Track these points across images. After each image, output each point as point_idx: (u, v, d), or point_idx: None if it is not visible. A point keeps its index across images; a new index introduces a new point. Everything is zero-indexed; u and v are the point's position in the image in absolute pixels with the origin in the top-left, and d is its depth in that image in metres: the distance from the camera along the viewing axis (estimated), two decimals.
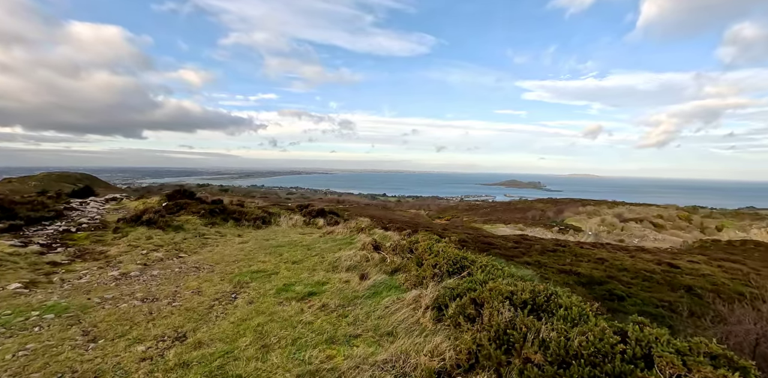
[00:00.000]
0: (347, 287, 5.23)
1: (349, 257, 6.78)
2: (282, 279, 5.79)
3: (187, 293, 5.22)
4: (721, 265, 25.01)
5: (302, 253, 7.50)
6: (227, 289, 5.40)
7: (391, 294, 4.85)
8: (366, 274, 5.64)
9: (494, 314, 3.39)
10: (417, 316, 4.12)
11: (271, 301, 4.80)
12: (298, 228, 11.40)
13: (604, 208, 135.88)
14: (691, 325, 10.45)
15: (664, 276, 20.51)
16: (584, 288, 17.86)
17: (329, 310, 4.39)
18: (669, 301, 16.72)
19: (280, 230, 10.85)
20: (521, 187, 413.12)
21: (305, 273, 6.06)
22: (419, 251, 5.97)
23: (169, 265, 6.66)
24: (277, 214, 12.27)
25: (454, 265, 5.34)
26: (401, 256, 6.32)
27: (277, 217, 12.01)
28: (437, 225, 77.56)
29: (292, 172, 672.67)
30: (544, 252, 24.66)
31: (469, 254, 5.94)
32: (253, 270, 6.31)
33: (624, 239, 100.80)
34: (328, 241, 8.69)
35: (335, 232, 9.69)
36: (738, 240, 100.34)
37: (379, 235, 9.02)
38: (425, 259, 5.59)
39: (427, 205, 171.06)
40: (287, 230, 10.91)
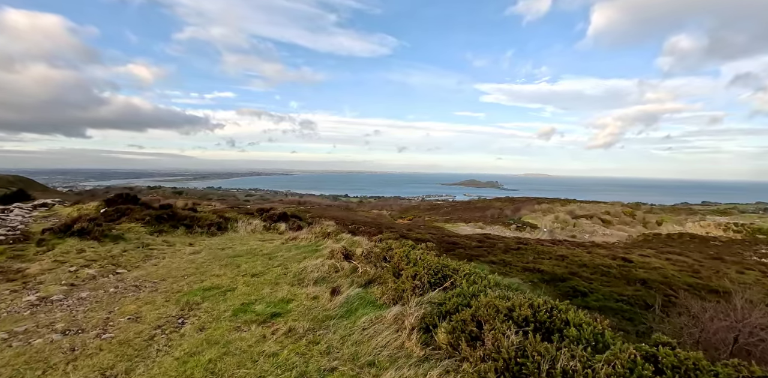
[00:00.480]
0: (316, 305, 4.55)
1: (316, 267, 6.09)
2: (240, 297, 5.00)
3: (123, 320, 4.32)
4: (669, 258, 26.54)
5: (263, 264, 6.70)
6: (173, 312, 4.54)
7: (368, 312, 4.24)
8: (337, 287, 4.99)
9: (499, 338, 2.88)
10: (401, 340, 3.53)
11: (227, 326, 4.03)
12: (257, 234, 10.49)
13: (557, 205, 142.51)
14: (661, 321, 10.63)
15: (620, 270, 21.33)
16: (548, 285, 18.12)
17: (297, 336, 3.70)
18: (627, 295, 17.30)
19: (238, 237, 9.91)
20: (480, 186, 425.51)
21: (267, 288, 5.30)
22: (395, 260, 5.40)
23: (103, 285, 5.64)
24: (235, 219, 11.27)
25: (435, 275, 4.81)
26: (375, 265, 5.72)
27: (234, 223, 11.03)
28: (400, 225, 77.72)
29: (252, 173, 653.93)
30: (508, 250, 24.99)
31: (450, 261, 5.45)
32: (206, 286, 5.45)
33: (576, 235, 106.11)
34: (292, 249, 7.93)
35: (299, 238, 8.93)
36: (676, 233, 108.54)
37: (347, 240, 8.37)
38: (403, 269, 5.03)
39: (389, 206, 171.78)
40: (246, 237, 9.99)
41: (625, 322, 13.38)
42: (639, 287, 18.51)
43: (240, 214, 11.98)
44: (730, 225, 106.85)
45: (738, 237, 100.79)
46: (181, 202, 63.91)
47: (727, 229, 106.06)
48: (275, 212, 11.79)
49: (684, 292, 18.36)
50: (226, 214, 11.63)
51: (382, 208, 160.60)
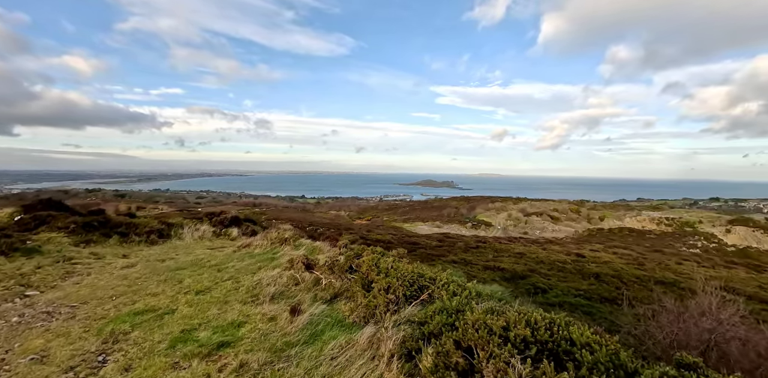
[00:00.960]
0: (274, 328, 3.85)
1: (272, 280, 5.35)
2: (180, 321, 4.17)
3: (23, 362, 3.37)
4: (616, 252, 27.98)
5: (210, 277, 5.84)
6: (92, 346, 3.64)
7: (337, 334, 3.61)
8: (298, 305, 4.31)
9: (502, 368, 2.37)
10: (379, 371, 2.94)
11: (161, 363, 3.23)
12: (206, 241, 9.47)
13: (510, 204, 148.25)
14: (631, 320, 10.73)
15: (574, 265, 22.06)
16: (509, 283, 18.29)
17: (251, 374, 2.99)
18: (583, 290, 17.83)
19: (183, 245, 8.85)
20: (436, 186, 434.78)
21: (214, 308, 4.50)
22: (363, 269, 4.79)
23: (4, 313, 4.56)
24: (180, 224, 10.15)
25: (411, 287, 4.27)
26: (340, 276, 5.08)
27: (179, 229, 9.91)
28: (359, 226, 77.11)
29: (203, 174, 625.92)
30: (468, 249, 25.16)
31: (426, 269, 4.93)
32: (138, 309, 4.55)
33: (528, 231, 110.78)
34: (245, 258, 7.09)
35: (253, 245, 8.08)
36: (616, 228, 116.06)
37: (307, 246, 7.65)
38: (374, 281, 4.44)
39: (347, 206, 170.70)
40: (192, 245, 8.96)
41: (586, 316, 13.63)
42: (593, 281, 19.19)
43: (186, 219, 10.84)
44: (662, 219, 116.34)
45: (669, 230, 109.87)
46: (124, 206, 59.63)
47: (659, 223, 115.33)
48: (226, 216, 10.78)
49: (635, 284, 19.32)
50: (170, 219, 10.45)
51: (340, 208, 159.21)
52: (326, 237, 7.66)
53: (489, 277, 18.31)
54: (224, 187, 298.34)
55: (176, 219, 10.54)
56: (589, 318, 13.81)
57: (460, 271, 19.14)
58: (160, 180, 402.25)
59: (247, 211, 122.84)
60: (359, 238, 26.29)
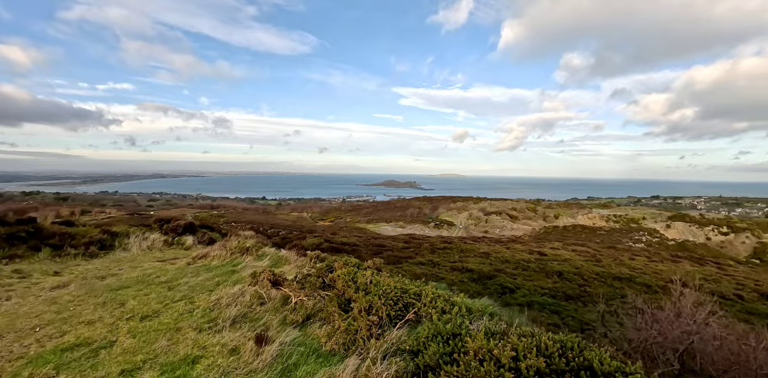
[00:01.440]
0: (237, 363, 3.22)
1: (233, 299, 4.68)
2: (120, 358, 3.44)
3: None
4: (575, 249, 28.99)
5: (159, 298, 5.06)
6: None
7: (315, 369, 3.05)
8: (265, 332, 3.70)
9: None
10: None
11: None
12: (155, 252, 8.52)
13: (470, 203, 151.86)
14: (599, 318, 10.81)
15: (538, 264, 22.53)
16: (477, 283, 18.32)
17: None
18: (548, 288, 18.18)
19: (128, 258, 7.88)
20: (399, 186, 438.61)
21: (163, 339, 3.78)
22: (339, 285, 4.26)
23: None
24: (125, 233, 9.10)
25: (395, 306, 3.79)
26: (313, 293, 4.51)
27: (124, 239, 8.87)
28: (322, 227, 75.82)
29: (156, 175, 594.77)
30: (434, 250, 25.12)
31: (409, 283, 4.47)
32: (67, 344, 3.75)
33: (488, 230, 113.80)
34: (201, 272, 6.31)
35: (210, 256, 7.29)
36: (570, 225, 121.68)
37: (271, 256, 6.98)
38: (353, 299, 3.92)
39: (309, 208, 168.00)
40: (139, 257, 8.00)
41: (554, 315, 13.80)
42: (557, 279, 19.65)
43: (134, 226, 9.76)
44: (611, 217, 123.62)
45: (617, 226, 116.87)
46: (66, 211, 54.53)
47: (608, 220, 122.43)
48: (179, 223, 9.81)
49: (595, 281, 19.99)
50: (114, 227, 9.36)
51: (303, 210, 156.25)
52: (293, 245, 7.01)
53: (457, 279, 18.25)
54: (180, 188, 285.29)
55: (121, 227, 9.45)
56: (557, 317, 14.00)
57: (428, 272, 18.97)
58: (108, 182, 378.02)
59: (204, 214, 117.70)
60: (324, 241, 25.53)
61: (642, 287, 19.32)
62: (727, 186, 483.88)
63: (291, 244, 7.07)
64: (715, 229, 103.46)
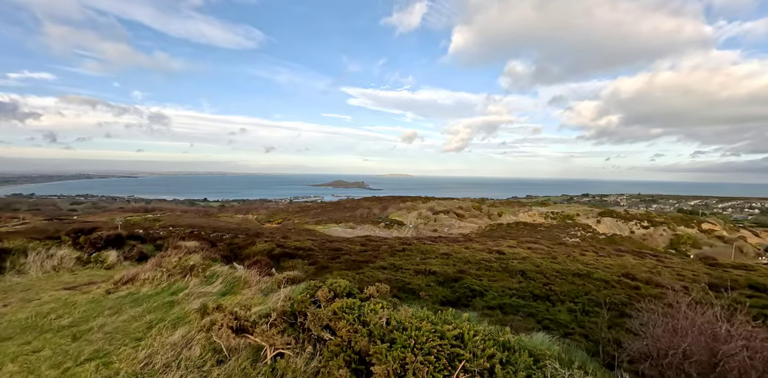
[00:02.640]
0: None
1: (174, 354, 3.13)
2: None
3: None
4: (530, 247, 29.39)
5: (56, 357, 3.34)
6: None
7: None
8: None
9: None
10: None
11: None
12: (64, 275, 6.50)
13: (419, 203, 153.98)
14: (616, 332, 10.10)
15: (499, 264, 22.27)
16: (444, 287, 17.50)
17: None
18: (515, 288, 17.76)
19: (22, 285, 5.84)
20: (348, 186, 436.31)
21: None
22: (342, 329, 2.88)
23: None
24: (22, 249, 6.93)
25: (437, 362, 2.50)
26: (300, 343, 3.08)
27: (19, 257, 6.73)
28: (270, 230, 72.29)
29: (81, 175, 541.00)
30: (394, 253, 24.07)
31: (435, 318, 3.19)
32: None
33: (437, 228, 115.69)
34: (125, 306, 4.58)
35: (139, 279, 5.52)
36: (513, 222, 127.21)
37: (225, 278, 5.36)
38: (370, 354, 2.56)
39: (255, 209, 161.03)
40: (39, 283, 5.99)
41: (529, 318, 13.22)
42: (521, 278, 19.40)
43: (36, 240, 7.55)
44: (549, 214, 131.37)
45: (555, 223, 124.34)
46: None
47: (546, 217, 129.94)
48: (101, 233, 7.75)
49: (557, 278, 20.00)
50: (6, 241, 7.13)
51: (248, 212, 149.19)
52: (253, 262, 5.41)
53: (423, 283, 17.30)
54: (109, 190, 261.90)
55: (17, 241, 7.22)
56: (533, 320, 13.45)
57: (392, 277, 17.85)
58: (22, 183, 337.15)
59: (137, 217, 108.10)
60: (276, 246, 23.53)
61: (601, 283, 19.62)
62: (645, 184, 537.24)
63: (251, 261, 5.45)
64: (638, 223, 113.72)
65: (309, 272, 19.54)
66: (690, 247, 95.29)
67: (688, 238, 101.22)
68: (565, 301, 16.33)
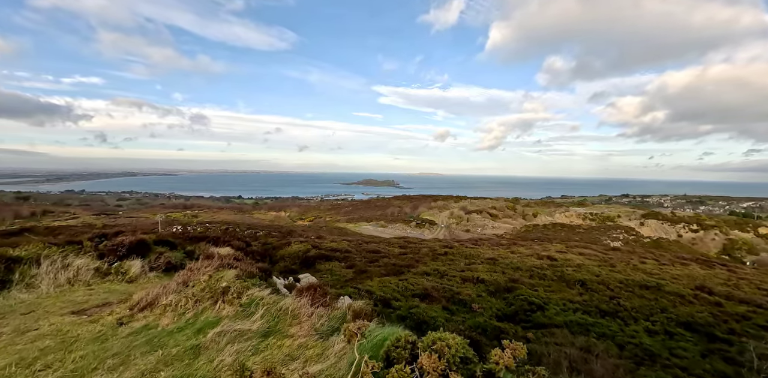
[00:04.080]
0: None
1: None
2: None
3: None
4: (582, 253, 26.97)
5: None
6: None
7: None
8: None
9: None
10: None
11: None
12: (78, 290, 5.46)
13: (451, 202, 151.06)
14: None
15: (552, 271, 20.23)
16: (496, 298, 15.80)
17: None
18: (578, 302, 15.80)
19: (25, 306, 4.82)
20: (378, 185, 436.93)
21: None
22: None
23: None
24: (34, 258, 5.97)
25: None
26: None
27: (30, 268, 5.76)
28: (302, 228, 72.38)
29: (126, 173, 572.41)
30: (436, 257, 22.44)
31: None
32: None
33: (470, 228, 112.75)
34: (136, 349, 3.38)
35: (159, 304, 4.33)
36: (549, 223, 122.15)
37: (267, 309, 4.07)
38: None
39: (287, 207, 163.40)
40: (46, 302, 4.95)
41: (603, 340, 11.35)
42: (581, 290, 17.36)
43: (51, 245, 6.62)
44: (587, 215, 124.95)
45: (594, 224, 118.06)
46: (26, 211, 50.63)
47: (585, 218, 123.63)
48: (123, 239, 6.73)
49: (622, 290, 17.79)
50: (17, 249, 6.19)
51: (280, 209, 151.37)
52: (305, 288, 4.06)
53: (473, 293, 15.67)
54: (151, 187, 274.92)
55: (30, 248, 6.29)
56: (612, 343, 11.59)
57: (436, 284, 16.31)
58: (74, 180, 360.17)
59: (177, 214, 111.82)
60: (311, 247, 22.52)
61: (675, 297, 17.18)
62: (691, 185, 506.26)
63: (301, 287, 4.07)
64: (686, 226, 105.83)
65: (347, 277, 18.36)
66: (746, 253, 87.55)
67: (743, 244, 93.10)
68: (639, 320, 14.26)
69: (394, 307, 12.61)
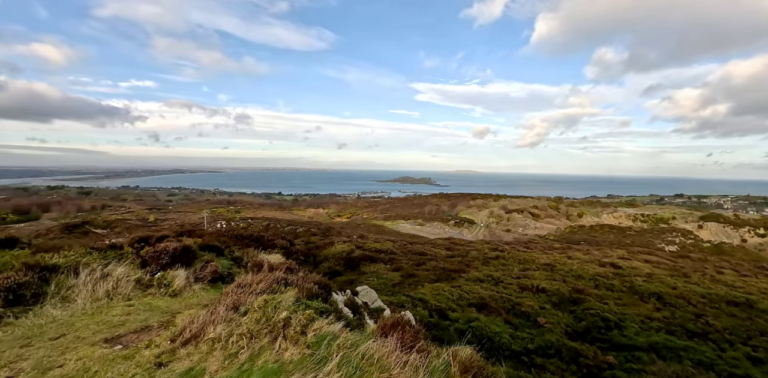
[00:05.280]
0: None
1: None
2: None
3: None
4: (648, 260, 24.44)
5: None
6: None
7: None
8: None
9: None
10: None
11: None
12: (117, 305, 4.76)
13: (490, 201, 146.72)
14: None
15: (620, 281, 18.19)
16: (561, 310, 14.22)
17: None
18: (657, 319, 13.91)
19: (56, 327, 4.13)
20: (414, 183, 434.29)
21: None
22: None
23: None
24: (72, 266, 5.34)
25: None
26: None
27: (67, 277, 5.14)
28: (340, 224, 72.43)
29: (175, 170, 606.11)
30: (487, 261, 20.96)
31: None
32: None
33: (511, 228, 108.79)
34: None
35: (206, 338, 3.44)
36: (596, 225, 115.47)
37: (343, 353, 3.06)
38: None
39: (325, 203, 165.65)
40: (81, 322, 4.25)
41: (701, 371, 9.61)
42: (658, 304, 15.34)
43: (92, 251, 6.03)
44: (638, 216, 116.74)
45: (645, 226, 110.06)
46: (88, 205, 54.23)
47: (635, 219, 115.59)
48: (167, 246, 6.02)
49: (706, 306, 15.58)
50: (57, 255, 5.61)
51: (318, 206, 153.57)
52: (390, 325, 3.04)
53: (535, 304, 14.13)
54: (198, 183, 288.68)
55: (70, 254, 5.71)
56: (712, 373, 9.82)
57: (492, 293, 14.94)
58: (129, 177, 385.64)
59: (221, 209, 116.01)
60: (355, 247, 21.72)
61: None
62: (755, 184, 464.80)
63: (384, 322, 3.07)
64: (752, 230, 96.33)
65: (394, 280, 17.38)
66: None
67: None
68: (736, 343, 12.16)
69: (451, 319, 11.45)
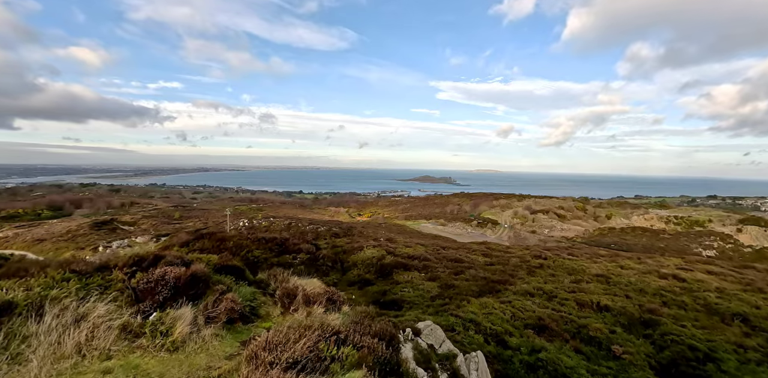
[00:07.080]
0: None
1: None
2: None
3: None
4: (710, 271, 21.74)
5: None
6: None
7: None
8: None
9: None
10: None
11: None
12: (92, 366, 3.13)
13: (514, 201, 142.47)
14: None
15: (691, 298, 15.81)
16: (634, 335, 12.11)
17: None
18: (752, 348, 11.61)
19: None
20: (434, 182, 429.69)
21: None
22: None
23: None
24: (35, 303, 3.73)
25: None
26: None
27: (26, 323, 3.53)
28: (361, 224, 70.83)
29: (200, 169, 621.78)
30: (531, 270, 18.78)
31: None
32: None
33: (536, 230, 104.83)
34: None
35: None
36: (628, 227, 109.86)
37: None
38: None
39: (345, 202, 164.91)
40: None
41: None
42: (745, 328, 13.02)
43: (72, 275, 4.46)
44: (671, 218, 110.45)
45: (679, 229, 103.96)
46: (117, 202, 54.34)
47: (668, 222, 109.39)
48: (168, 272, 4.38)
49: None
50: (8, 289, 4.04)
51: (339, 204, 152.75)
52: None
53: (602, 326, 12.06)
54: (222, 182, 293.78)
55: (36, 283, 4.14)
56: None
57: (550, 312, 12.93)
58: (157, 175, 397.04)
59: (243, 207, 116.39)
60: (386, 253, 19.99)
61: None
62: None
63: None
64: None
65: (432, 292, 15.56)
66: None
67: None
68: None
69: (512, 347, 9.55)
